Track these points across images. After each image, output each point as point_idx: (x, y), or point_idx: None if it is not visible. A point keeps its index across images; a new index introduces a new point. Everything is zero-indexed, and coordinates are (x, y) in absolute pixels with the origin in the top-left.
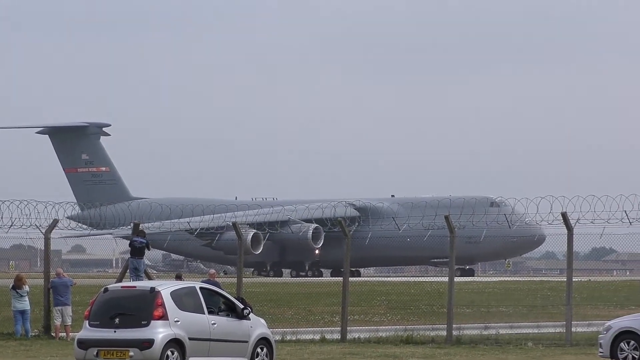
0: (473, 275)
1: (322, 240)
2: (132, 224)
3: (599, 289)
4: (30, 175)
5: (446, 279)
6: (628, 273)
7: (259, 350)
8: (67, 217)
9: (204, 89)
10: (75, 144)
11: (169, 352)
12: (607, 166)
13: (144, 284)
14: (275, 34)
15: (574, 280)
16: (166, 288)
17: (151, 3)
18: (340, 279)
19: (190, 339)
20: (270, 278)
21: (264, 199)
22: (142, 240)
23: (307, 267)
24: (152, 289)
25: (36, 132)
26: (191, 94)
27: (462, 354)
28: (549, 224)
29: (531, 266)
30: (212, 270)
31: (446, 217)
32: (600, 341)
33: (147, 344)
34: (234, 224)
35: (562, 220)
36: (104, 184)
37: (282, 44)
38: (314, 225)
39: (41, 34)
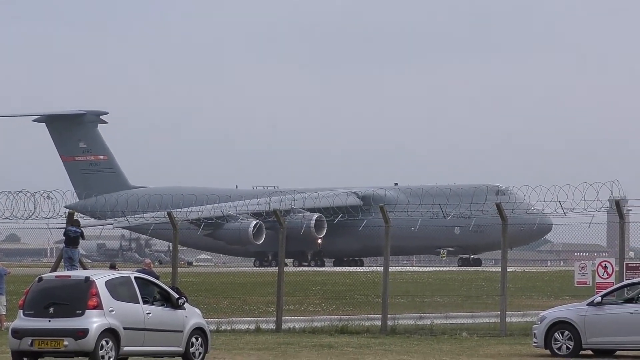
0: (480, 265)
1: (326, 230)
2: (67, 213)
3: (534, 280)
4: (28, 164)
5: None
6: (562, 263)
7: (193, 340)
8: (65, 207)
9: (203, 78)
10: (73, 132)
11: (103, 342)
12: (544, 157)
13: (78, 273)
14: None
15: (508, 270)
16: (101, 277)
17: None
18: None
19: (125, 328)
20: (206, 268)
21: (265, 187)
22: (76, 229)
23: (309, 257)
24: (87, 279)
25: (33, 120)
26: (190, 84)
27: (396, 344)
28: (484, 214)
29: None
30: (148, 260)
31: (381, 207)
32: (535, 331)
33: (82, 333)
34: (169, 214)
35: (497, 211)
36: (102, 173)
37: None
38: (317, 214)
39: (38, 23)
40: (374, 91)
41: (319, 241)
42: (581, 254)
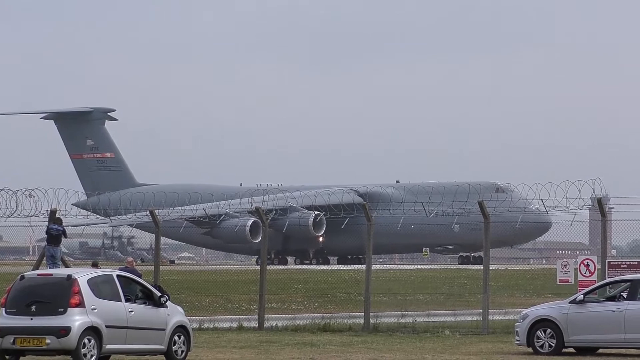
0: (482, 264)
1: (325, 228)
2: (48, 211)
3: (516, 277)
4: (38, 161)
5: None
6: (544, 261)
7: (176, 338)
8: (72, 204)
9: (209, 76)
10: (80, 129)
11: (85, 340)
12: (527, 155)
13: (60, 271)
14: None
15: (490, 268)
16: (83, 276)
17: None
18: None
19: (107, 326)
20: (188, 266)
21: (269, 185)
22: (58, 227)
23: (311, 255)
24: (69, 277)
25: (41, 118)
26: (195, 81)
27: (379, 342)
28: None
29: (448, 254)
30: (130, 258)
31: (363, 206)
32: (517, 329)
33: (64, 331)
34: (151, 212)
35: (480, 209)
36: (109, 170)
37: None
38: (315, 212)
39: (47, 18)
40: (373, 89)
41: (320, 239)
42: (563, 252)
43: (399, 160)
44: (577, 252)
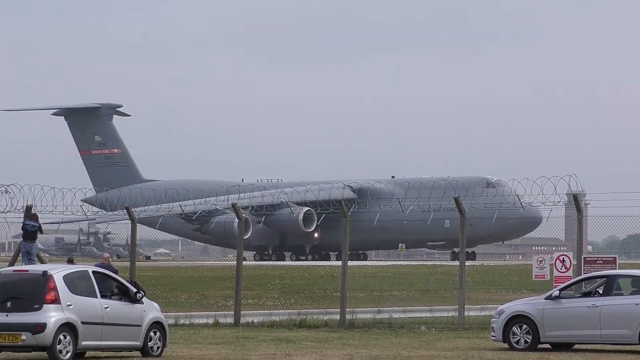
0: (474, 259)
1: (315, 224)
2: (24, 207)
3: (492, 273)
4: (52, 158)
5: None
6: (520, 257)
7: (152, 334)
8: (82, 200)
9: (212, 75)
10: (88, 125)
11: (61, 336)
12: (507, 152)
13: (36, 267)
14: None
15: (466, 264)
16: (59, 272)
17: None
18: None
19: (83, 322)
20: (164, 262)
21: (269, 180)
22: (34, 224)
23: (307, 251)
24: (45, 273)
25: (52, 114)
26: (199, 79)
27: (355, 338)
28: (445, 210)
29: (425, 250)
30: (106, 254)
31: (340, 202)
32: (493, 325)
33: (40, 327)
34: (127, 208)
35: (455, 204)
36: (116, 166)
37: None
38: (306, 208)
39: (56, 14)
40: (370, 85)
41: (316, 235)
42: (539, 247)
43: (399, 157)
44: (553, 248)
